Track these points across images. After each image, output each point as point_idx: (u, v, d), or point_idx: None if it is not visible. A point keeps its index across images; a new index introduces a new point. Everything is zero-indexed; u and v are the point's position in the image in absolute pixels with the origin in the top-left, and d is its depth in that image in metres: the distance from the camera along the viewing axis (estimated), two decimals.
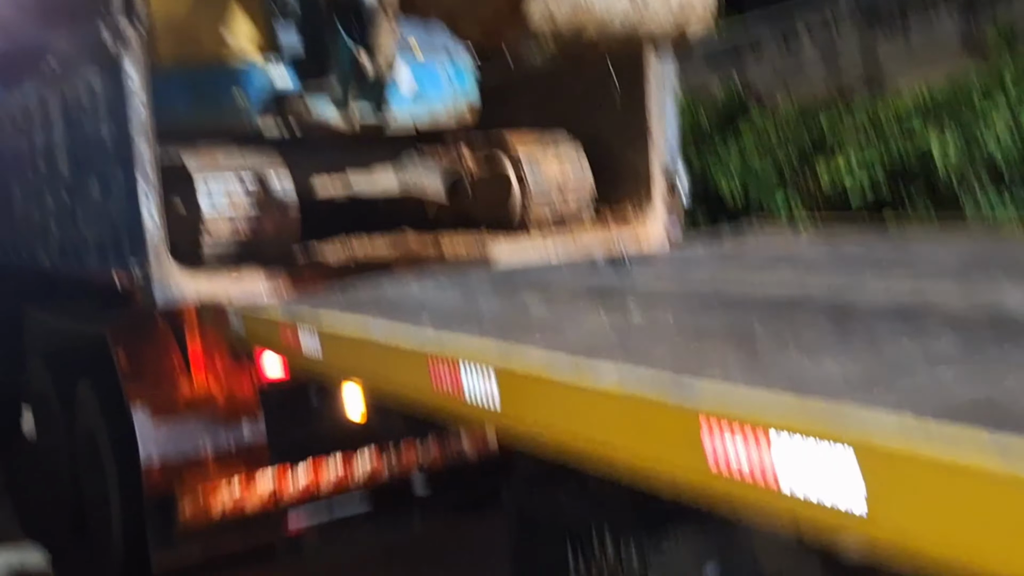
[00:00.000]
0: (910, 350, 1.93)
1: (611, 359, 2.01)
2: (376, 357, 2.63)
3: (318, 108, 4.44)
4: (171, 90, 4.28)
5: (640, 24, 3.30)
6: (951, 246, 3.54)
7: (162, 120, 4.20)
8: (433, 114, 4.95)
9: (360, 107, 4.45)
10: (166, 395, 4.05)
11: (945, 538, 1.29)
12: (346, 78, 4.34)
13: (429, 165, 5.10)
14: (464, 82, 5.10)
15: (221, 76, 4.45)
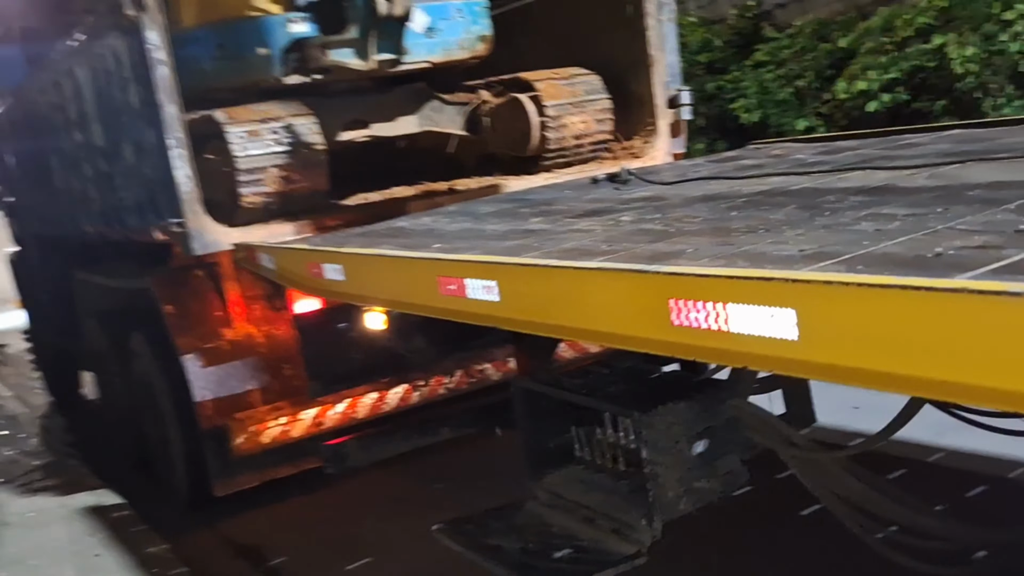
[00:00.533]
0: (863, 225, 2.13)
1: (592, 258, 2.25)
2: (391, 275, 2.88)
3: (336, 52, 4.57)
4: (194, 48, 4.52)
5: None
6: (941, 141, 3.67)
7: (189, 78, 4.45)
8: (447, 48, 4.98)
9: (376, 46, 4.58)
10: (211, 339, 4.35)
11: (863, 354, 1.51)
12: (362, 21, 4.48)
13: (447, 102, 5.17)
14: (476, 15, 5.12)
15: (241, 30, 4.57)
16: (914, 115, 8.97)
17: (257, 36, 4.56)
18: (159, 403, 4.82)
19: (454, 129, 5.15)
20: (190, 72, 4.47)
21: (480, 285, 2.45)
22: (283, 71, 4.58)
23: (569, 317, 2.18)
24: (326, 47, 4.55)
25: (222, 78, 4.62)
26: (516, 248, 2.71)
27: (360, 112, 4.92)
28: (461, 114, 5.15)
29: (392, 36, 4.63)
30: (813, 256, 1.87)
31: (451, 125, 5.16)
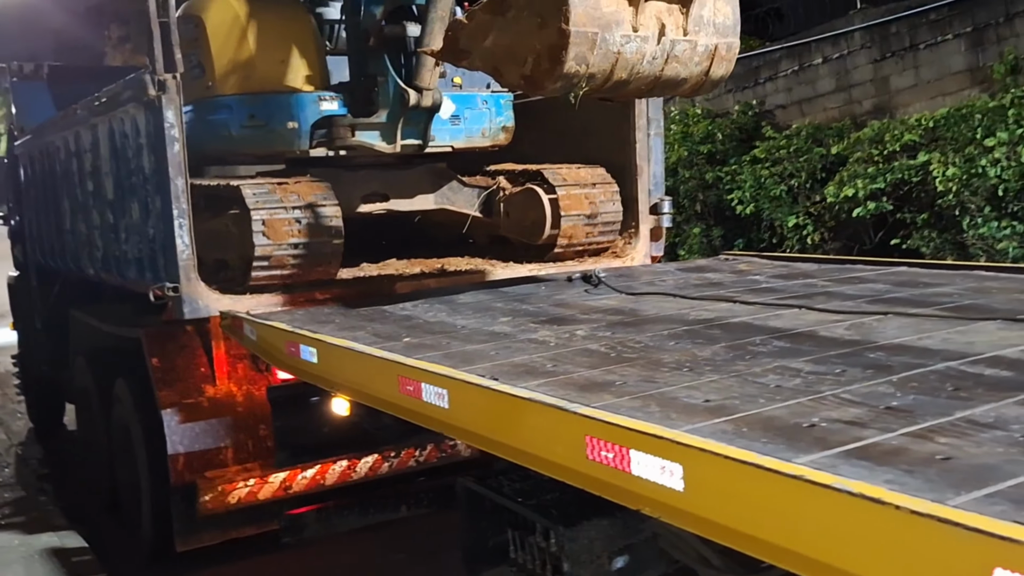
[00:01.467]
0: (768, 379, 2.39)
1: (536, 377, 2.51)
2: (358, 367, 3.14)
3: (363, 133, 4.84)
4: (225, 114, 4.83)
5: (667, 68, 3.49)
6: (882, 280, 3.97)
7: (216, 140, 4.83)
8: (470, 136, 5.30)
9: (403, 132, 4.88)
10: (191, 395, 4.58)
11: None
12: (392, 107, 4.74)
13: (465, 184, 5.45)
14: (501, 107, 5.43)
15: (274, 103, 4.84)
16: (897, 224, 9.32)
17: (288, 110, 4.82)
18: (134, 451, 5.02)
19: (469, 210, 5.38)
20: (218, 135, 4.85)
21: (434, 391, 2.71)
22: (309, 145, 4.85)
23: (504, 435, 2.43)
24: (354, 127, 4.80)
25: (249, 145, 4.89)
26: (474, 354, 2.98)
27: (380, 186, 5.18)
28: (477, 196, 5.39)
29: (419, 124, 4.90)
30: (713, 410, 2.13)
31: (466, 206, 5.40)
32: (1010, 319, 2.97)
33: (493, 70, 3.63)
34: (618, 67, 3.35)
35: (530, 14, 3.29)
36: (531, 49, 3.31)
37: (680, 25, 3.44)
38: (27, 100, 7.90)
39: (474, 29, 3.55)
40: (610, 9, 3.25)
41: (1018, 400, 2.07)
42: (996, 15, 9.99)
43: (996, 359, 2.46)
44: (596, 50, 3.24)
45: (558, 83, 3.32)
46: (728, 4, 3.57)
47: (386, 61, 4.75)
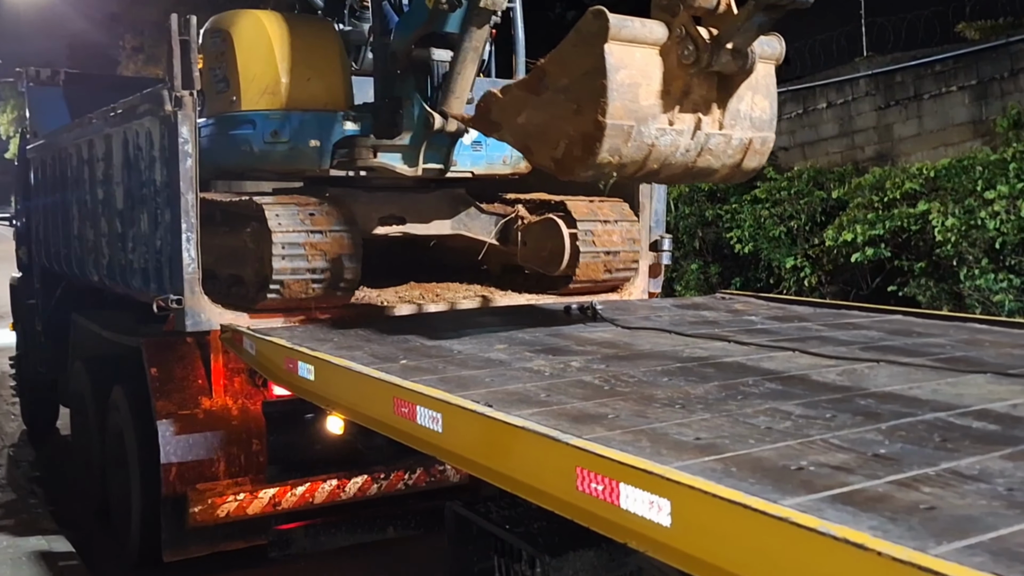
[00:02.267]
0: (759, 420, 2.43)
1: (530, 406, 2.56)
2: (354, 386, 3.19)
3: (386, 155, 4.82)
4: (247, 129, 4.81)
5: (699, 160, 3.43)
6: (875, 327, 4.02)
7: (236, 155, 4.83)
8: (491, 163, 5.28)
9: (425, 156, 4.83)
10: (188, 406, 4.60)
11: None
12: (415, 130, 4.73)
13: (483, 210, 5.39)
14: None
15: (297, 121, 4.81)
16: (895, 271, 9.39)
17: (312, 129, 4.82)
18: (127, 459, 5.04)
19: (486, 237, 5.33)
20: (238, 150, 4.83)
21: (428, 414, 2.75)
22: (331, 164, 4.86)
23: (495, 462, 2.47)
24: (376, 149, 4.81)
25: (270, 161, 4.88)
26: (469, 380, 3.02)
27: (397, 208, 5.16)
28: (495, 224, 5.35)
29: (441, 148, 4.89)
30: (703, 448, 2.17)
31: (483, 233, 5.35)
32: (1000, 373, 3.02)
33: (523, 147, 3.59)
34: (651, 158, 3.31)
35: (567, 99, 3.25)
36: (564, 133, 3.28)
37: (717, 119, 3.40)
38: (42, 105, 7.98)
39: (508, 103, 3.52)
40: (648, 102, 3.21)
41: (1003, 454, 2.12)
42: (1001, 70, 10.14)
43: (984, 412, 2.50)
44: (630, 142, 3.20)
45: (589, 171, 3.28)
46: (767, 99, 3.53)
47: (413, 84, 4.74)
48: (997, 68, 10.06)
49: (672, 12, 3.26)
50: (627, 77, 3.15)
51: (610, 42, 3.12)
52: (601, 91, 3.11)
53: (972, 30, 11.73)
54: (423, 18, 4.52)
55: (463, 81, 4.55)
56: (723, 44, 3.22)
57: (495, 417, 2.46)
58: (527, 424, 2.36)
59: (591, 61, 3.14)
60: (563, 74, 3.27)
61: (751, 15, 3.16)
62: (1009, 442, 2.21)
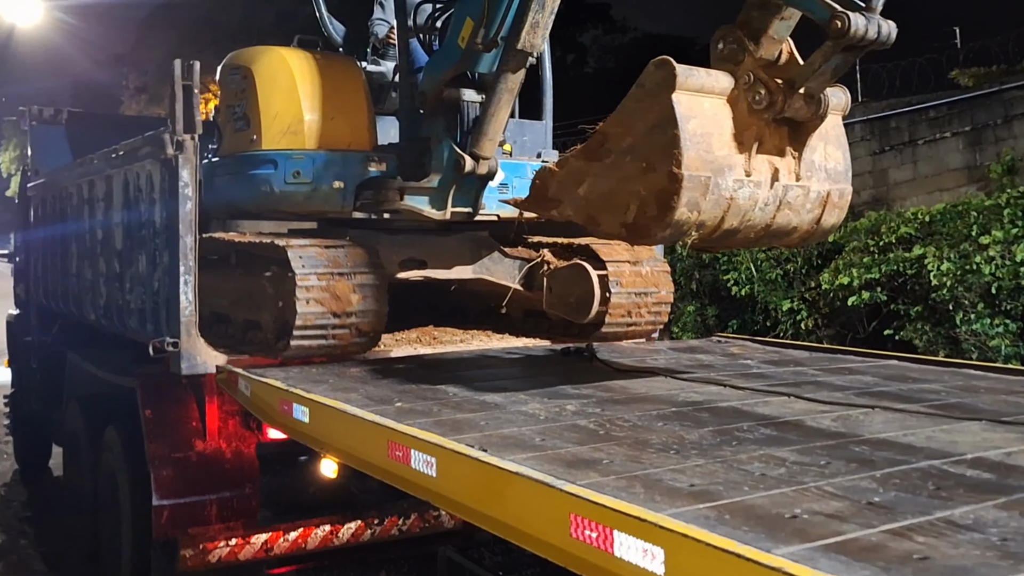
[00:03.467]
0: (753, 466, 2.43)
1: (524, 451, 2.55)
2: (348, 429, 3.18)
3: (412, 198, 4.66)
4: (268, 169, 4.68)
5: (779, 216, 3.27)
6: (871, 372, 4.02)
7: (256, 196, 4.71)
8: None
9: (454, 199, 4.66)
10: (181, 449, 4.55)
11: None
12: (444, 173, 4.58)
13: (507, 255, 5.21)
14: None
15: (321, 161, 4.70)
16: (891, 315, 9.41)
17: (336, 170, 4.70)
18: (119, 501, 5.00)
19: (509, 282, 5.13)
20: (258, 191, 4.72)
21: (422, 458, 2.73)
22: (354, 206, 4.72)
23: (489, 507, 2.46)
24: (403, 192, 4.66)
25: (291, 202, 4.74)
26: (464, 423, 3.01)
27: (418, 251, 5.02)
28: (519, 269, 5.17)
29: (471, 191, 4.73)
30: (697, 495, 2.16)
31: (506, 278, 5.16)
32: (995, 420, 3.02)
33: (588, 219, 3.37)
34: (730, 214, 3.13)
35: (634, 159, 3.11)
36: (635, 196, 3.11)
37: (792, 170, 3.26)
38: (44, 143, 8.05)
39: (566, 176, 3.36)
40: (723, 152, 3.07)
41: (997, 503, 2.11)
42: (995, 116, 10.26)
43: (978, 460, 2.50)
44: (708, 196, 3.03)
45: (667, 231, 3.10)
46: (839, 149, 3.40)
47: (442, 125, 4.63)
48: (991, 114, 10.19)
49: (735, 61, 3.18)
50: (699, 127, 3.03)
51: (678, 91, 3.01)
52: (673, 142, 2.98)
53: (966, 77, 11.89)
54: (455, 58, 4.47)
55: (496, 123, 4.47)
56: (796, 88, 3.12)
57: (489, 462, 2.45)
58: (521, 469, 2.35)
59: (658, 113, 3.02)
60: (627, 134, 3.13)
61: (828, 57, 3.04)
62: (1003, 491, 2.20)
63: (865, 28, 2.91)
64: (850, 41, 2.93)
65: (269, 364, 4.34)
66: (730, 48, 3.20)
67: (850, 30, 2.90)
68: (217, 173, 5.02)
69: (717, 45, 3.24)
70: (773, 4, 3.15)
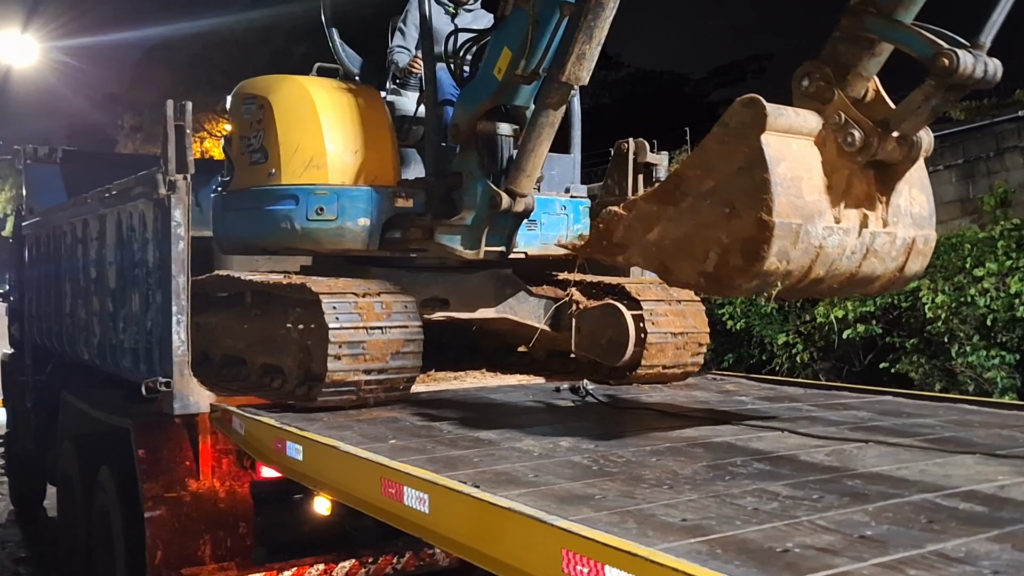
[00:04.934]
0: (746, 500, 2.42)
1: (517, 487, 2.55)
2: (342, 467, 3.17)
3: (444, 236, 4.45)
4: (289, 205, 4.46)
5: (864, 264, 3.11)
6: (866, 408, 4.03)
7: (276, 232, 4.50)
8: (545, 243, 4.84)
9: (488, 239, 4.43)
10: (175, 488, 4.51)
11: None
12: (478, 210, 4.34)
13: (532, 294, 4.98)
14: (579, 214, 5.01)
15: (346, 197, 4.47)
16: (887, 348, 9.41)
17: (362, 206, 4.46)
18: (113, 541, 4.96)
19: (535, 322, 4.88)
20: (277, 228, 4.50)
21: (415, 495, 2.73)
22: (380, 246, 4.49)
23: (482, 544, 2.45)
24: (433, 230, 4.43)
25: (313, 240, 4.52)
26: (457, 460, 3.01)
27: (441, 290, 4.80)
28: (545, 308, 4.92)
29: (504, 229, 4.49)
30: (689, 529, 2.16)
31: (532, 318, 4.92)
32: (988, 454, 3.01)
33: (659, 267, 3.18)
34: (818, 263, 2.96)
35: (715, 203, 2.92)
36: (715, 243, 2.92)
37: (880, 215, 3.09)
38: (39, 182, 8.07)
39: (635, 220, 3.17)
40: (813, 198, 2.90)
41: (989, 536, 2.11)
42: (987, 149, 10.34)
43: (971, 493, 2.50)
44: (798, 244, 2.85)
45: (753, 282, 2.92)
46: (923, 192, 3.23)
47: (476, 160, 4.39)
48: (983, 147, 10.27)
49: (823, 99, 3.00)
50: (789, 170, 2.85)
51: (767, 132, 2.84)
52: (763, 187, 2.80)
53: (958, 110, 12.00)
54: (491, 90, 4.25)
55: (535, 159, 4.25)
56: (891, 130, 2.94)
57: (481, 498, 2.45)
58: (513, 505, 2.35)
59: (746, 155, 2.85)
60: (707, 176, 2.95)
61: (929, 97, 2.86)
62: (996, 524, 2.20)
63: (973, 67, 2.75)
64: (957, 80, 2.76)
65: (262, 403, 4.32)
66: (817, 85, 3.02)
67: (958, 69, 2.73)
68: (229, 207, 4.85)
69: (802, 82, 3.05)
70: (865, 39, 2.97)
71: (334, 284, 4.13)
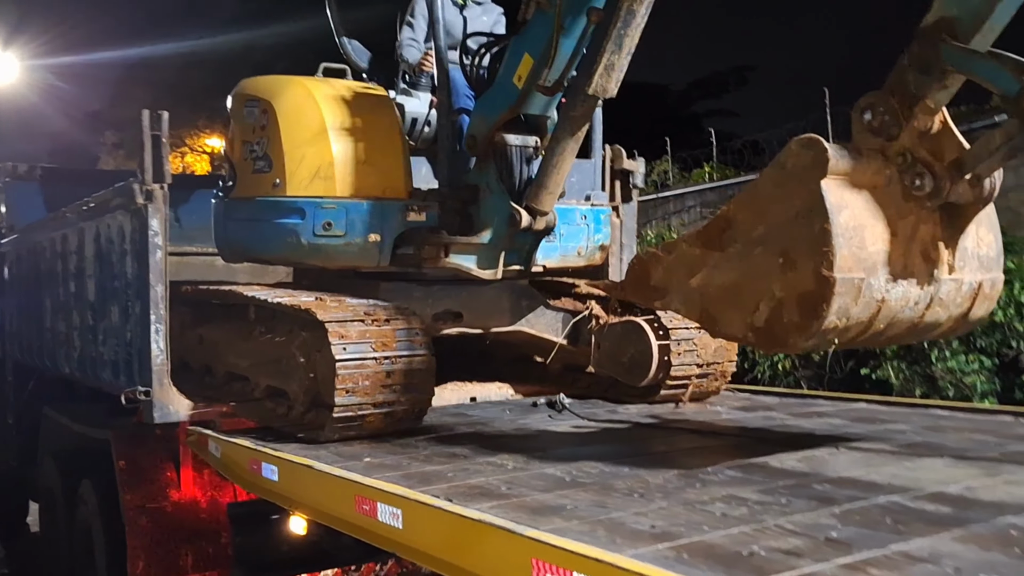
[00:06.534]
0: (716, 507, 2.46)
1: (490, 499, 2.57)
2: (317, 486, 3.18)
3: (459, 255, 4.19)
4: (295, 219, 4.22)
5: (928, 314, 2.90)
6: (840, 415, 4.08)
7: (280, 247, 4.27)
8: (565, 255, 4.62)
9: (506, 258, 4.23)
10: (156, 499, 4.52)
11: None
12: (496, 227, 4.11)
13: (550, 306, 4.73)
14: (600, 223, 4.80)
15: (356, 211, 4.21)
16: (867, 354, 9.46)
17: (373, 220, 4.19)
18: (95, 555, 4.94)
19: (552, 336, 4.64)
20: (283, 242, 4.25)
21: (389, 511, 2.74)
22: (391, 262, 4.23)
23: (455, 557, 2.46)
24: (448, 248, 4.16)
25: (321, 255, 4.26)
26: (432, 475, 3.02)
27: (454, 303, 4.55)
28: (563, 322, 4.66)
29: (524, 247, 4.27)
30: (658, 536, 2.19)
31: (549, 331, 4.67)
32: (958, 457, 3.06)
33: (703, 316, 2.96)
34: (879, 317, 2.75)
35: (767, 251, 2.70)
36: (767, 295, 2.70)
37: (947, 261, 2.86)
38: (19, 200, 8.04)
39: (676, 264, 2.97)
40: (876, 248, 2.68)
41: (954, 536, 2.14)
42: None
43: (939, 495, 2.54)
44: (860, 299, 2.63)
45: (810, 341, 2.71)
46: (991, 232, 3.00)
47: (494, 174, 4.13)
48: None
49: (888, 136, 2.75)
50: (851, 218, 2.62)
51: (828, 177, 2.62)
52: (823, 238, 2.56)
53: None
54: (512, 100, 3.99)
55: (558, 175, 4.02)
56: (965, 172, 2.72)
57: (453, 511, 2.46)
58: (484, 517, 2.37)
59: (804, 201, 2.62)
60: (759, 221, 2.74)
61: (1011, 137, 2.63)
62: (960, 524, 2.24)
63: None
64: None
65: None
66: (881, 119, 2.75)
67: None
68: (232, 216, 4.61)
69: (864, 114, 2.79)
70: (937, 69, 2.68)
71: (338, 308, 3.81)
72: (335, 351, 3.61)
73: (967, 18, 2.61)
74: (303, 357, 3.88)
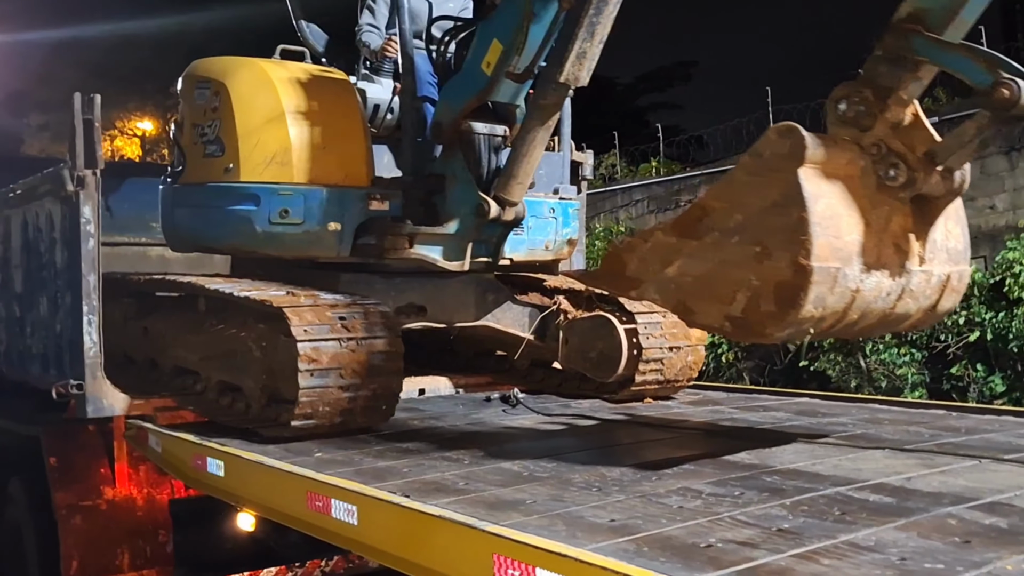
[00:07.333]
0: (671, 499, 2.49)
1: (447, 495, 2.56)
2: (266, 482, 3.13)
3: (424, 246, 4.07)
4: (250, 206, 4.05)
5: (898, 305, 2.91)
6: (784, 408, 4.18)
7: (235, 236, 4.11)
8: (532, 248, 4.56)
9: (473, 249, 4.13)
10: (90, 497, 4.40)
11: None
12: (463, 218, 4.00)
13: (517, 301, 4.61)
14: (568, 217, 4.72)
15: (315, 198, 4.05)
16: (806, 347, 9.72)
17: (332, 208, 4.03)
18: (26, 556, 4.78)
19: (518, 331, 4.54)
20: (236, 230, 4.08)
21: (343, 507, 2.71)
22: (352, 252, 4.09)
23: (413, 553, 2.45)
24: (413, 238, 4.02)
25: (276, 245, 4.10)
26: (386, 471, 2.99)
27: (418, 296, 4.42)
28: (530, 317, 4.55)
29: (491, 239, 4.18)
30: (617, 529, 2.21)
31: (515, 326, 4.56)
32: (897, 449, 3.15)
33: (679, 306, 2.92)
34: (852, 307, 2.75)
35: (743, 241, 2.67)
36: (744, 285, 2.68)
37: (917, 252, 2.87)
38: None
39: (651, 253, 2.91)
40: (851, 238, 2.67)
41: (897, 525, 2.21)
42: None
43: (880, 486, 2.61)
44: (836, 289, 2.63)
45: (787, 330, 2.70)
46: (959, 225, 3.03)
47: (461, 163, 4.01)
48: None
49: (862, 126, 2.76)
50: (827, 208, 2.62)
51: (805, 165, 2.60)
52: (800, 227, 2.55)
53: None
54: (479, 86, 3.89)
55: (528, 165, 3.93)
56: (938, 163, 2.75)
57: (411, 507, 2.45)
58: (443, 513, 2.36)
59: (780, 190, 2.60)
60: (735, 210, 2.71)
61: (983, 129, 2.67)
62: (903, 513, 2.31)
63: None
64: (1017, 112, 2.54)
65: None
66: (856, 110, 2.77)
67: (1020, 100, 2.51)
68: (180, 202, 4.40)
69: (838, 105, 2.80)
70: (910, 60, 2.72)
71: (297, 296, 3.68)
72: (295, 332, 3.47)
73: (939, 10, 2.65)
74: (260, 349, 3.73)
